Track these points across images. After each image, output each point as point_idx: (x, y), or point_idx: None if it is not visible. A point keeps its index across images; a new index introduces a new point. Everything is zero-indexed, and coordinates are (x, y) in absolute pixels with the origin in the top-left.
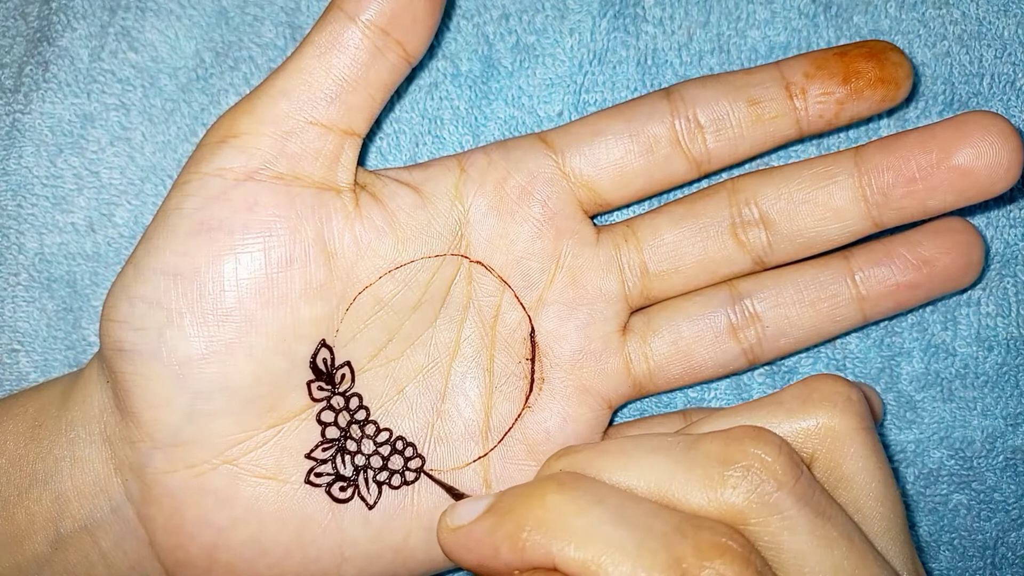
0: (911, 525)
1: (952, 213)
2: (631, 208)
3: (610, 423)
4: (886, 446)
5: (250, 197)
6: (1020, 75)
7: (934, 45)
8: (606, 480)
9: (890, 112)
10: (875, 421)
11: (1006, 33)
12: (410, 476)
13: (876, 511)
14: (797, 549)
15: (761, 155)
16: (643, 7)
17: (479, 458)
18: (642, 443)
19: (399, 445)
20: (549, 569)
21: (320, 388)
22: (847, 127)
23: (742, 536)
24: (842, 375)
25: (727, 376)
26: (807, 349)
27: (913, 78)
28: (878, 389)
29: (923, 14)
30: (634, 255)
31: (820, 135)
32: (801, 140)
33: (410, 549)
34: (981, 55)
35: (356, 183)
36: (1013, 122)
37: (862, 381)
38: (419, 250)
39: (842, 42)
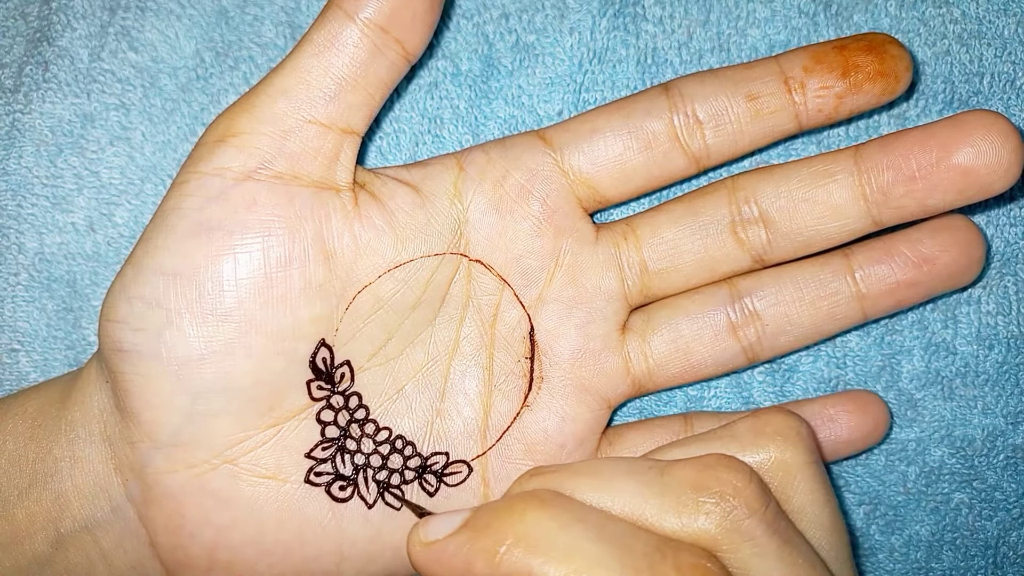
0: (914, 523)
1: (953, 211)
2: (630, 206)
3: (609, 423)
4: (886, 443)
5: (249, 197)
6: (1020, 74)
7: (934, 44)
8: (580, 500)
9: (890, 107)
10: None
11: (1006, 32)
12: (409, 475)
13: (825, 541)
14: (766, 575)
15: (760, 150)
16: (643, 6)
17: (477, 457)
18: (615, 466)
19: (398, 444)
20: None
21: (320, 387)
22: (847, 124)
23: (718, 560)
24: (843, 373)
25: (727, 374)
26: (807, 347)
27: (913, 71)
28: (878, 387)
29: (923, 13)
30: (633, 253)
31: (819, 130)
32: (800, 135)
33: None
34: (981, 54)
35: (355, 182)
36: (1013, 121)
37: (862, 380)
38: (418, 249)
39: None
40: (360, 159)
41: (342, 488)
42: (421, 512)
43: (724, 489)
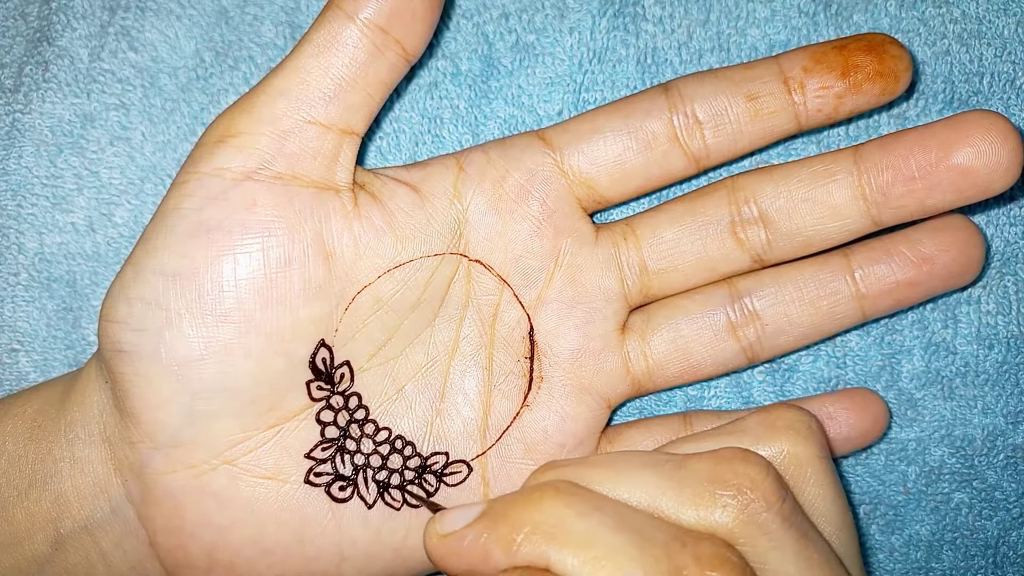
0: (914, 523)
1: (952, 211)
2: (630, 205)
3: (608, 423)
4: (887, 443)
5: (248, 197)
6: (1020, 73)
7: (934, 43)
8: (598, 491)
9: (889, 107)
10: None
11: (1006, 32)
12: (409, 475)
13: (835, 536)
14: (782, 570)
15: (760, 150)
16: (643, 6)
17: (477, 456)
18: (631, 458)
19: (398, 444)
20: (542, 569)
21: (319, 388)
22: (846, 124)
23: (737, 551)
24: (843, 373)
25: (726, 374)
26: (807, 347)
27: (912, 71)
28: (878, 387)
29: (923, 12)
30: (633, 253)
31: (819, 130)
32: (800, 135)
33: (409, 548)
34: (981, 54)
35: (355, 182)
36: (1013, 121)
37: (862, 379)
38: (418, 249)
39: None
40: (360, 159)
41: (342, 488)
42: (436, 508)
43: (741, 482)
